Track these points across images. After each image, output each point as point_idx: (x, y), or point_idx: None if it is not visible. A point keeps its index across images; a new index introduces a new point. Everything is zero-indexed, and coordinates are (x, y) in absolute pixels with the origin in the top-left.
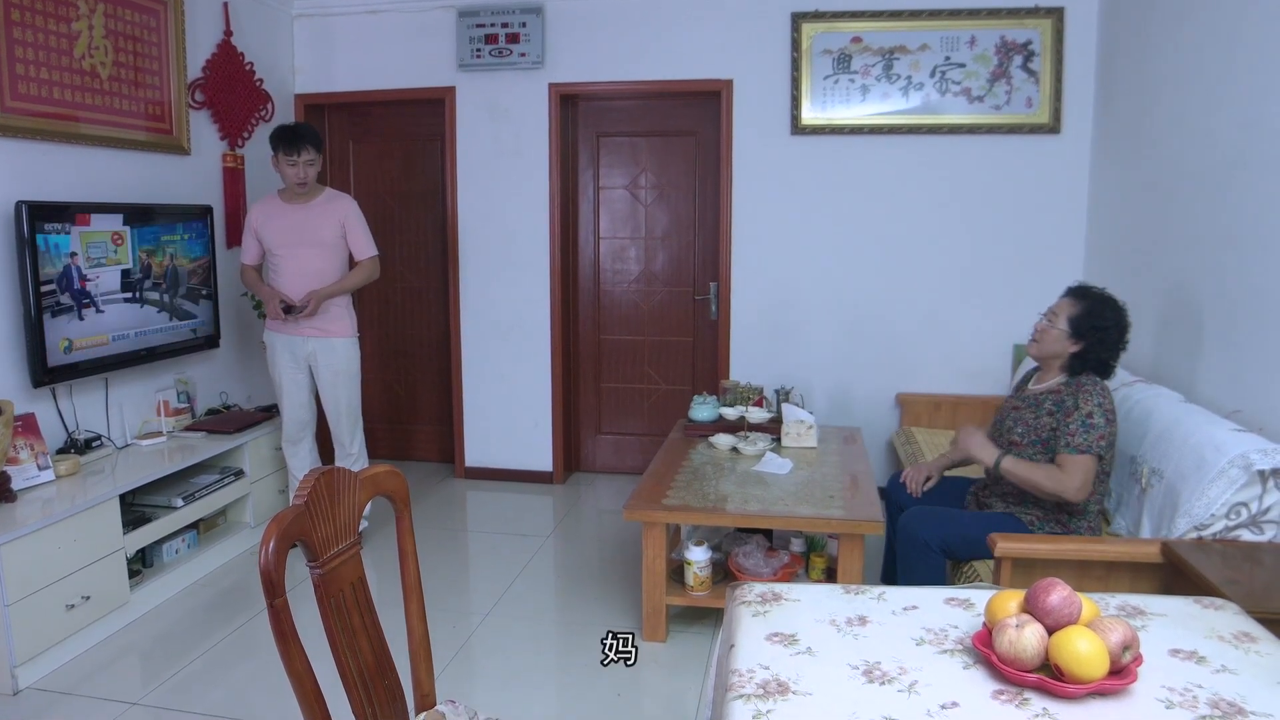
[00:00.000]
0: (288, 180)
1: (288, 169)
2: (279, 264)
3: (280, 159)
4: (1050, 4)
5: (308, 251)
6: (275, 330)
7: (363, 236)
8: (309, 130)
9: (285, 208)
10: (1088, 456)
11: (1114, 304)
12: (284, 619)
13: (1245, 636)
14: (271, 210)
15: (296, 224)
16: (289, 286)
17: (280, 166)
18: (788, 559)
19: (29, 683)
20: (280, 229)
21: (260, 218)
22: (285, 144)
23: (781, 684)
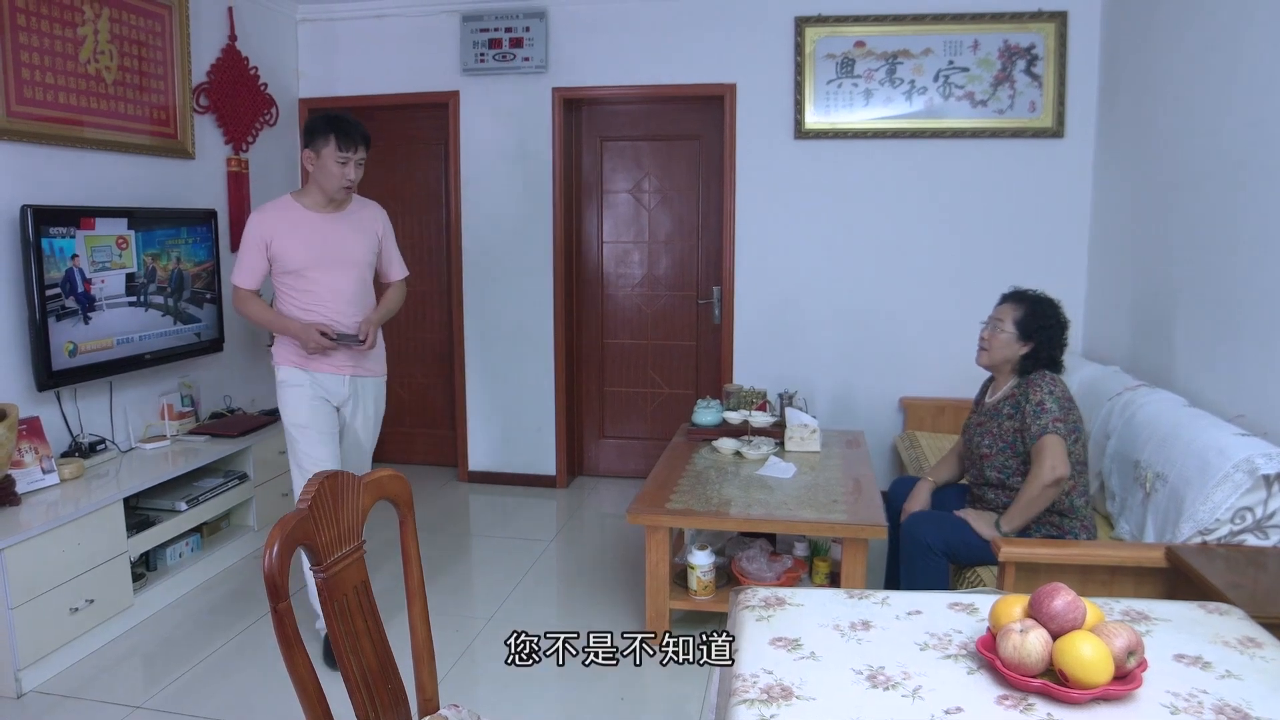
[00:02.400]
0: (331, 182)
1: (335, 167)
2: (306, 287)
3: (326, 154)
4: (1053, 8)
5: (343, 272)
6: (307, 366)
7: (397, 252)
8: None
9: (313, 218)
10: (1048, 436)
11: (1052, 302)
12: (287, 623)
13: (1250, 642)
14: (293, 220)
15: (329, 238)
16: (326, 314)
17: (323, 164)
18: (791, 563)
19: (32, 686)
20: (309, 243)
21: (276, 229)
22: (341, 135)
23: (785, 689)
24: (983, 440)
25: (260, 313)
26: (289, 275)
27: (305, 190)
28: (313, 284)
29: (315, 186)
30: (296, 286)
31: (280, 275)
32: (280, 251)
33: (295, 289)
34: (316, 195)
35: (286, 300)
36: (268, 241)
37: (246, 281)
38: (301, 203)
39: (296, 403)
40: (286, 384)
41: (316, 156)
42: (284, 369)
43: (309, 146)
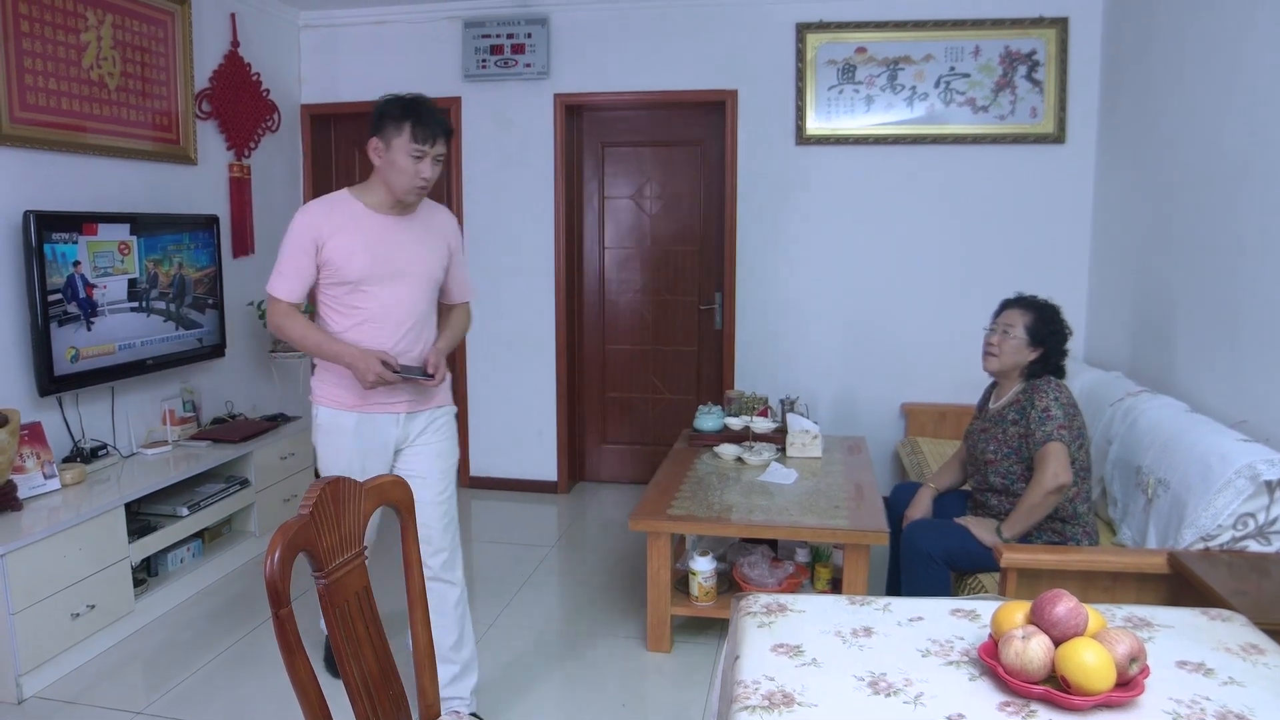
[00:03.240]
0: (402, 180)
1: (408, 162)
2: (361, 303)
3: (397, 146)
4: (1054, 14)
5: (408, 287)
6: (358, 406)
7: (467, 269)
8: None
9: (376, 219)
10: (1052, 443)
11: (1057, 308)
12: (289, 628)
13: (1253, 648)
14: (353, 220)
15: (395, 245)
16: (381, 339)
17: (393, 157)
18: (793, 569)
19: (33, 691)
20: (371, 250)
21: (332, 229)
22: (417, 124)
23: (787, 695)
24: (987, 446)
25: (306, 334)
26: (340, 288)
27: (367, 186)
28: (369, 300)
29: (380, 183)
30: (348, 302)
31: (329, 287)
32: (335, 257)
33: (346, 305)
34: (381, 194)
35: (333, 317)
36: (320, 243)
37: (288, 292)
38: (362, 200)
39: (336, 454)
40: (327, 430)
41: (385, 148)
42: (325, 410)
43: (377, 134)
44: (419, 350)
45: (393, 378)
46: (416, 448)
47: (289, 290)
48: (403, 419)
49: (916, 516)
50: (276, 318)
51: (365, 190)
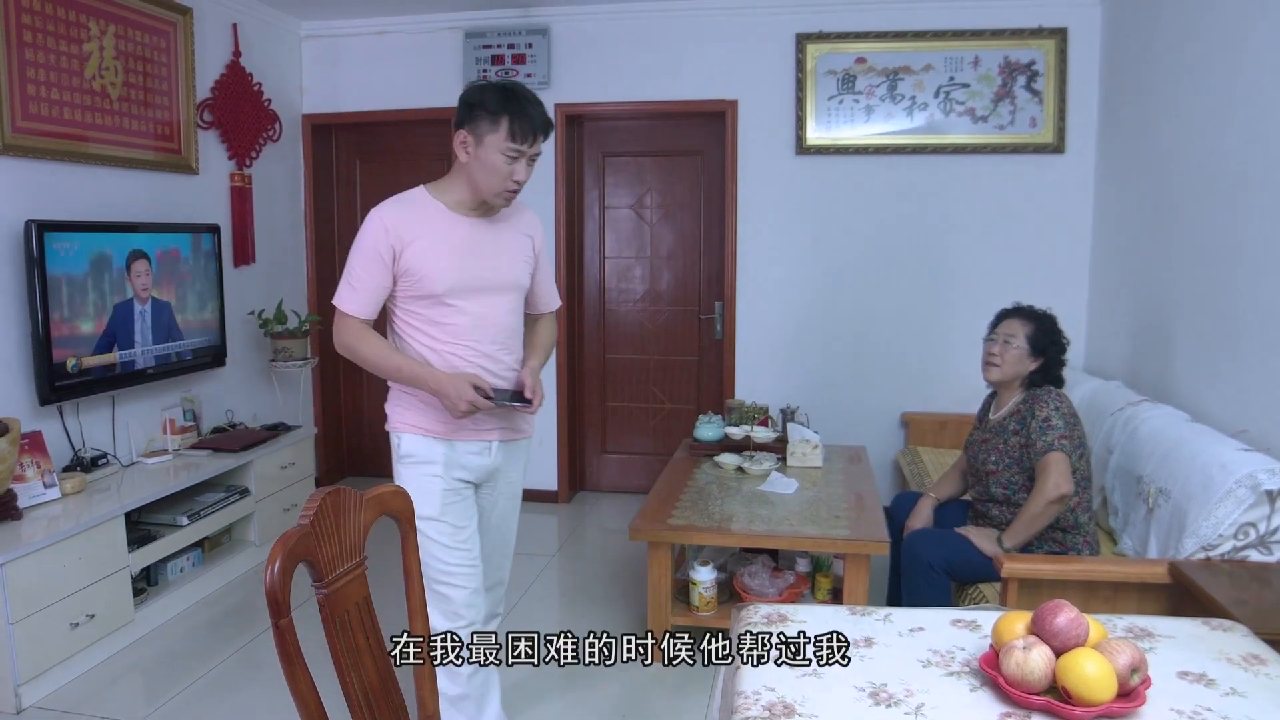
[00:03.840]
0: (493, 181)
1: (501, 162)
2: (447, 319)
3: (491, 143)
4: (1053, 25)
5: (498, 299)
6: (447, 434)
7: (553, 274)
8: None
9: (460, 223)
10: (1053, 453)
11: (1054, 318)
12: (289, 639)
13: (1254, 659)
14: (435, 223)
15: (482, 251)
16: (468, 359)
17: (485, 154)
18: (793, 579)
19: (32, 701)
20: (459, 258)
21: (413, 233)
22: (517, 119)
23: (787, 706)
24: (989, 457)
25: (383, 356)
26: (421, 301)
27: (448, 184)
28: (456, 314)
29: (464, 182)
30: (431, 317)
31: (408, 301)
32: (418, 265)
33: (427, 321)
34: (463, 193)
35: (412, 336)
36: (398, 250)
37: (359, 308)
38: (442, 200)
39: (427, 488)
40: (413, 461)
41: (476, 143)
42: (409, 438)
43: (466, 126)
44: (509, 370)
45: (486, 405)
46: (500, 485)
47: (361, 305)
48: (494, 447)
49: (917, 526)
50: (346, 337)
51: (445, 188)
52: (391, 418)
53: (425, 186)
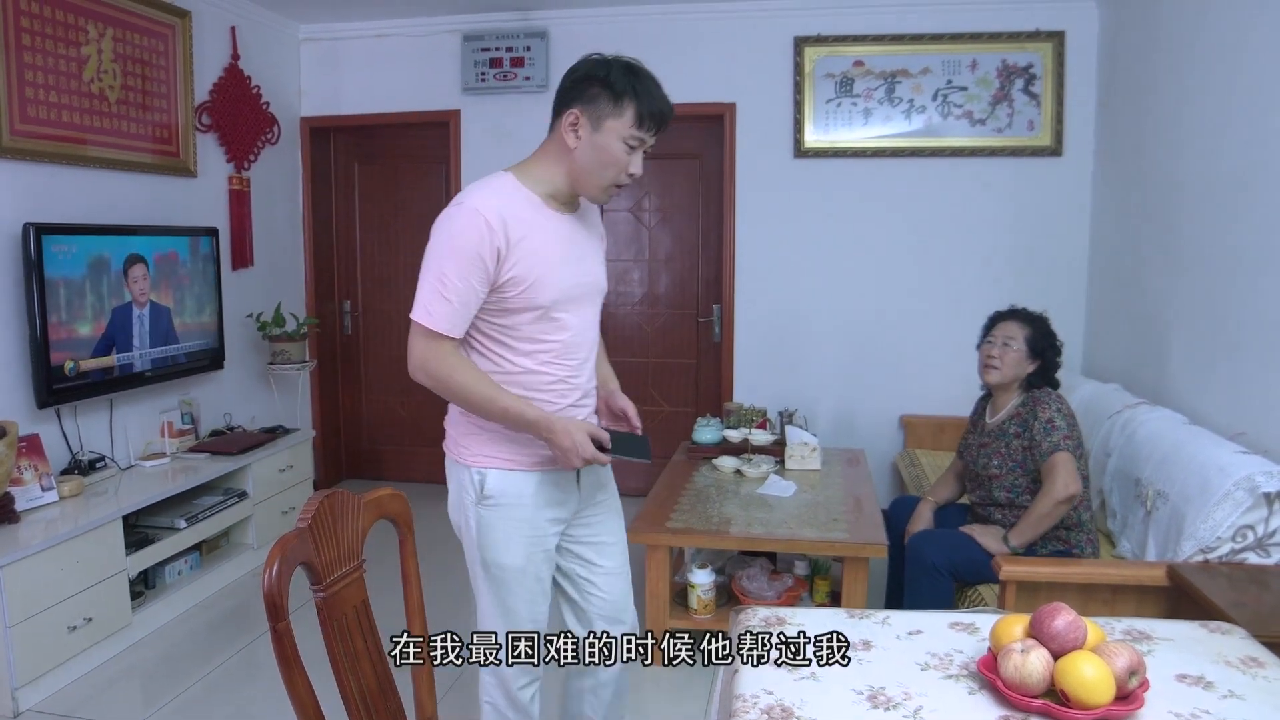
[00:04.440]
0: (605, 171)
1: (622, 151)
2: (550, 334)
3: (612, 128)
4: (1051, 28)
5: (593, 310)
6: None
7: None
8: None
9: (559, 219)
10: (1060, 453)
11: (1048, 319)
12: (287, 642)
13: (1252, 661)
14: (540, 221)
15: (579, 253)
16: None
17: (603, 139)
18: (792, 582)
19: (30, 705)
20: (566, 262)
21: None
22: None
23: (785, 709)
24: (990, 461)
25: (486, 391)
26: (523, 315)
27: (538, 171)
28: (560, 330)
29: (562, 171)
30: (532, 334)
31: (502, 314)
32: (526, 271)
33: (526, 338)
34: (559, 183)
35: (502, 355)
36: (504, 251)
37: (454, 324)
38: (536, 193)
39: (508, 532)
40: (498, 503)
41: (593, 127)
42: (496, 475)
43: (580, 105)
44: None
45: (604, 460)
46: (593, 509)
47: (455, 322)
48: (582, 474)
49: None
50: (437, 365)
51: (536, 177)
52: (465, 450)
53: (511, 173)
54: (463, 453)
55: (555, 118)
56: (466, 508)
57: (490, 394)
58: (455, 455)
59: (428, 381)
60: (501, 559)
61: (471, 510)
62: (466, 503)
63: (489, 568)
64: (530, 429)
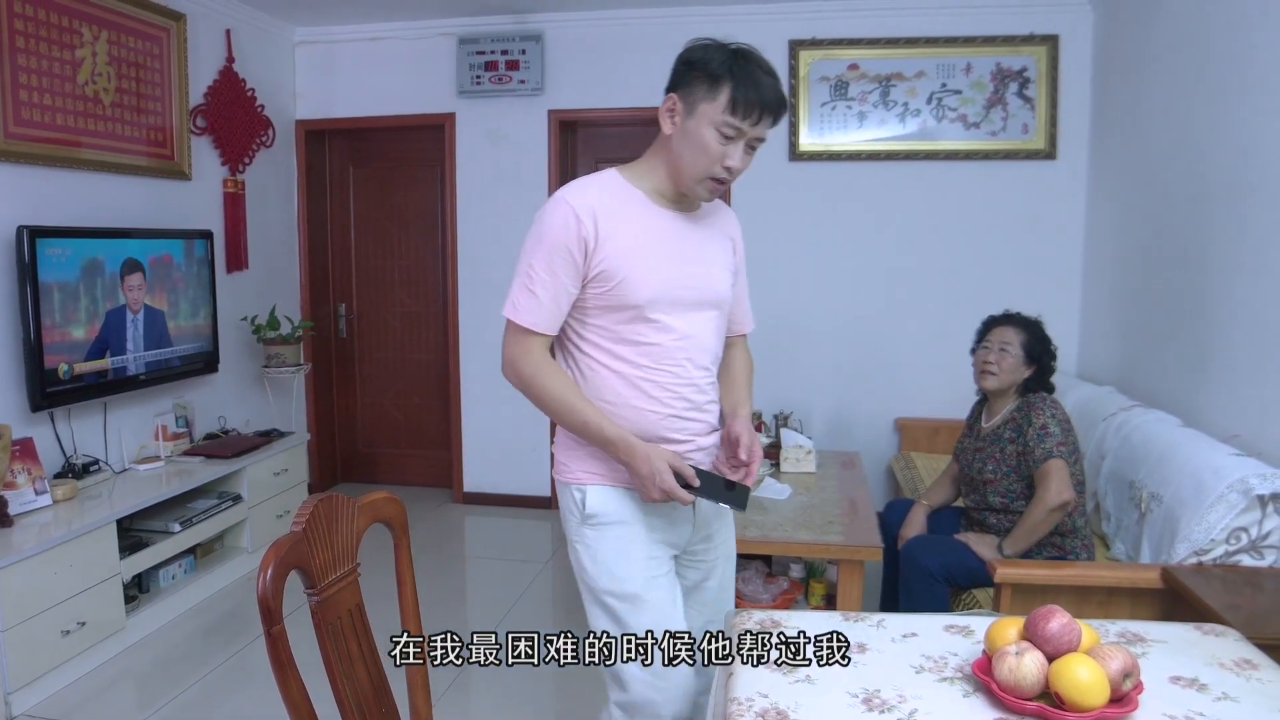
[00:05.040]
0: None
1: (715, 140)
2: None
3: (704, 113)
4: (1045, 31)
5: (705, 317)
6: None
7: (747, 289)
8: None
9: (665, 216)
10: (1053, 460)
11: (1042, 323)
12: (281, 646)
13: (1246, 663)
14: (639, 215)
15: (687, 254)
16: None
17: (696, 127)
18: (787, 585)
19: (23, 709)
20: (669, 260)
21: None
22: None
23: (780, 712)
24: (985, 466)
25: (571, 401)
26: (616, 315)
27: (645, 168)
28: (659, 333)
29: (663, 163)
30: (626, 335)
31: (597, 313)
32: (616, 267)
33: (620, 339)
34: (662, 178)
35: (596, 359)
36: (592, 244)
37: (544, 320)
38: (640, 187)
39: (618, 554)
40: (603, 522)
41: (686, 112)
42: (597, 492)
43: (680, 90)
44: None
45: (685, 499)
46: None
47: (545, 317)
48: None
49: (912, 535)
50: (526, 364)
51: (641, 172)
52: (566, 466)
53: (617, 169)
54: (563, 469)
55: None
56: (572, 530)
57: (573, 402)
58: (558, 473)
59: (516, 382)
60: (614, 585)
61: (576, 533)
62: (572, 525)
63: (601, 597)
64: (608, 448)
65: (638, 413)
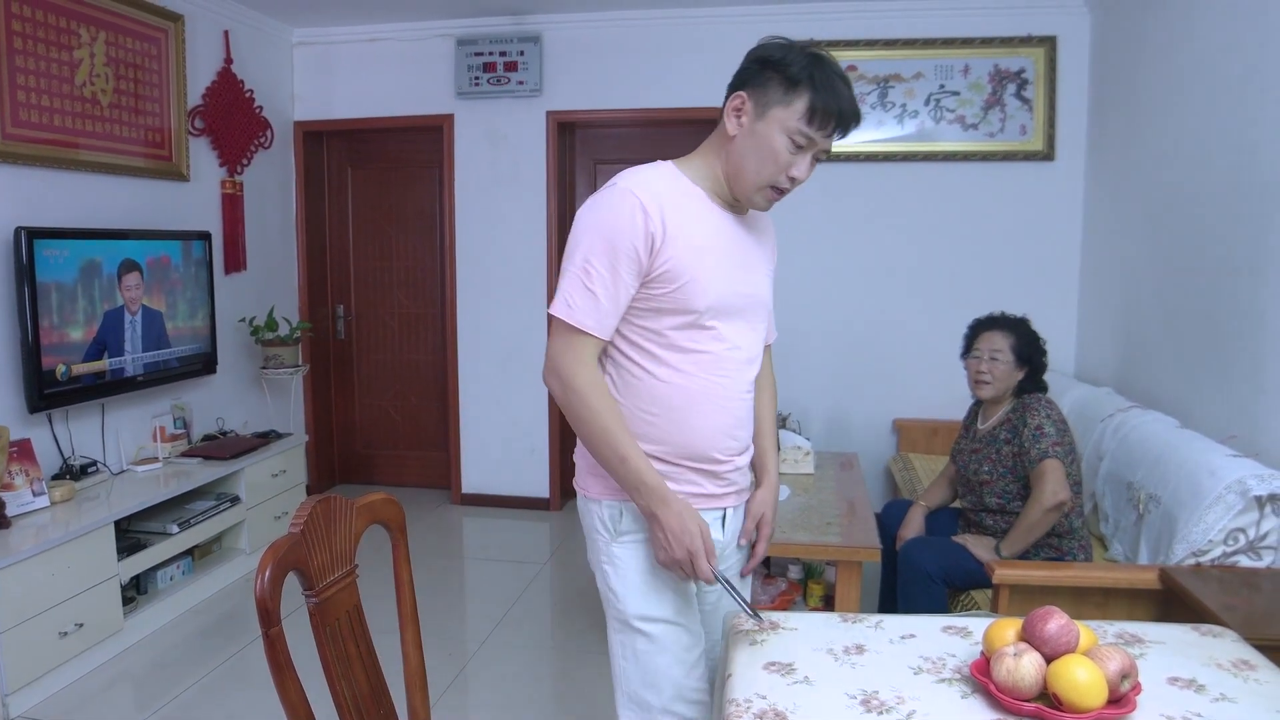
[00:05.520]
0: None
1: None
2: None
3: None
4: (1043, 33)
5: (757, 327)
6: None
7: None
8: None
9: (723, 217)
10: (1048, 460)
11: (1029, 321)
12: (279, 648)
13: (1244, 664)
14: (701, 214)
15: (746, 262)
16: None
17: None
18: (785, 586)
19: (20, 711)
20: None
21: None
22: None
23: (779, 714)
24: (981, 467)
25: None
26: (670, 318)
27: (700, 163)
28: (713, 341)
29: (718, 162)
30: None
31: (647, 315)
32: (681, 268)
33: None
34: (718, 179)
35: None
36: (659, 241)
37: (601, 323)
38: (702, 187)
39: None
40: (637, 538)
41: (757, 114)
42: (609, 504)
43: (749, 89)
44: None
45: (706, 574)
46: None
47: (602, 320)
48: (728, 516)
49: (910, 536)
50: (568, 367)
51: (698, 169)
52: (595, 480)
53: (674, 163)
54: (590, 484)
55: (723, 106)
56: (600, 550)
57: (617, 434)
58: (584, 488)
59: (559, 391)
60: (648, 609)
61: (605, 552)
62: (600, 545)
63: (630, 623)
64: (638, 491)
65: (685, 427)
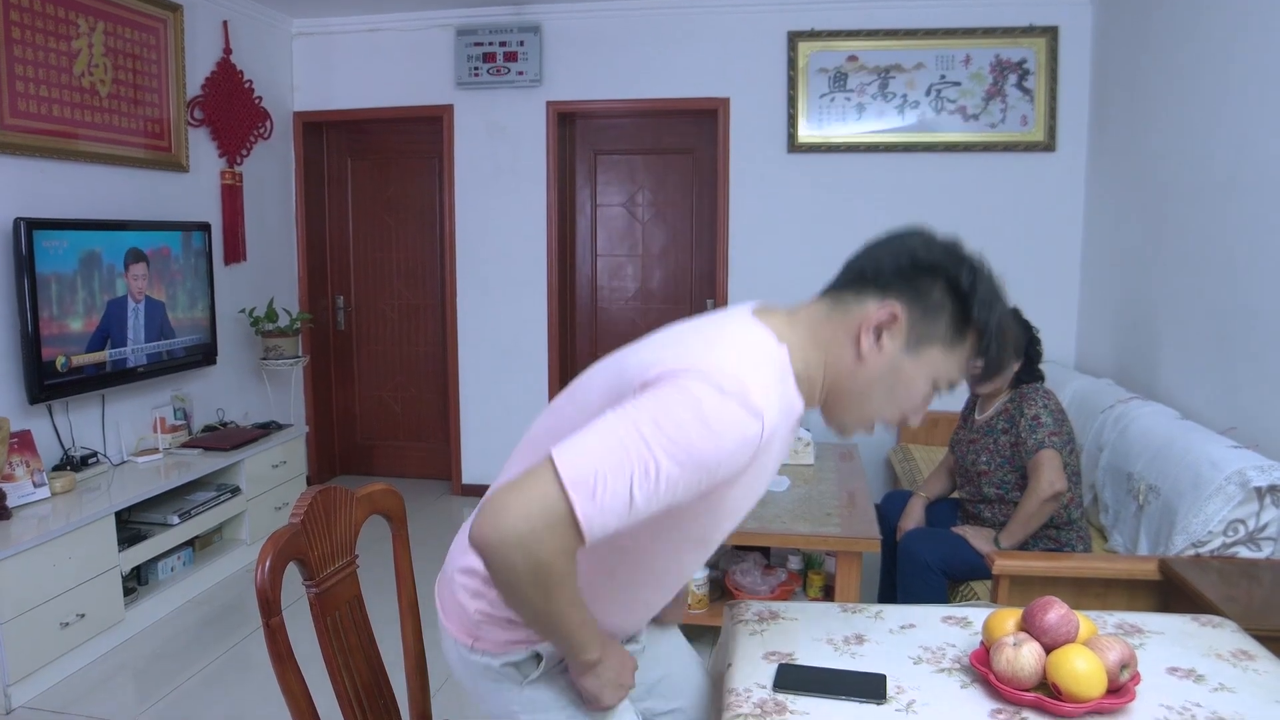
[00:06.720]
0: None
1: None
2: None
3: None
4: (1044, 23)
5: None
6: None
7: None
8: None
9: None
10: (1045, 451)
11: (1019, 311)
12: (280, 638)
13: (1243, 654)
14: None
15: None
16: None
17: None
18: (785, 577)
19: (22, 702)
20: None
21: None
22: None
23: (778, 703)
24: (979, 457)
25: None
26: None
27: (799, 355)
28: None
29: (814, 355)
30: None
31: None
32: (731, 500)
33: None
34: (810, 381)
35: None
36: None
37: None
38: (802, 393)
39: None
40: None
41: (909, 347)
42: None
43: (905, 300)
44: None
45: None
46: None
47: (605, 521)
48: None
49: (910, 526)
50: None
51: (799, 362)
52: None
53: (774, 332)
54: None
55: (852, 287)
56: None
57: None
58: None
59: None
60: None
61: (517, 699)
62: (508, 694)
63: None
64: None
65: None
